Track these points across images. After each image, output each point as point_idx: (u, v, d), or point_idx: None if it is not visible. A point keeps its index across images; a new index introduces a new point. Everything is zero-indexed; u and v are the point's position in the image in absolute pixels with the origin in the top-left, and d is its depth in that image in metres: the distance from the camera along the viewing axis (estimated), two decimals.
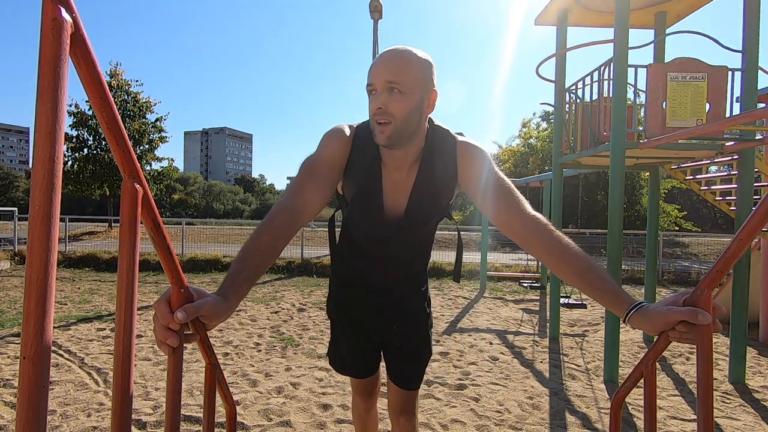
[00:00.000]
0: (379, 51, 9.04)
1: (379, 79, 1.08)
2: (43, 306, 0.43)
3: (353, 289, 1.51)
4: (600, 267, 0.97)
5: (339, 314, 1.55)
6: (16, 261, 9.89)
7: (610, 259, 3.64)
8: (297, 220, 1.03)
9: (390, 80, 1.07)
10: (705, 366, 0.79)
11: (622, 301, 0.90)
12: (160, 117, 18.88)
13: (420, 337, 1.52)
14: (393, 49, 1.11)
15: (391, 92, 1.07)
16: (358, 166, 1.21)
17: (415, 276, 1.51)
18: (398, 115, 1.08)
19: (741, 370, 3.61)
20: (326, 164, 1.16)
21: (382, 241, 1.34)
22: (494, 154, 30.20)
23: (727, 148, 3.70)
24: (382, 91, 1.08)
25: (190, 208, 60.11)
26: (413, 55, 1.10)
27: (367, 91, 1.12)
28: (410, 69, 1.08)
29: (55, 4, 0.45)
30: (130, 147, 0.60)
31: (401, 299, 1.49)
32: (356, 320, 1.52)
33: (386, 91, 1.08)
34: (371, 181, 1.22)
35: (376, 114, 1.09)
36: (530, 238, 1.06)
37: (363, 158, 1.20)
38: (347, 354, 1.56)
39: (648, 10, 4.63)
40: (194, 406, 2.87)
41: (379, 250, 1.38)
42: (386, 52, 1.11)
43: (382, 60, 1.09)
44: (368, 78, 1.11)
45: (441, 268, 9.60)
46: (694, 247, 16.07)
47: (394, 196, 1.25)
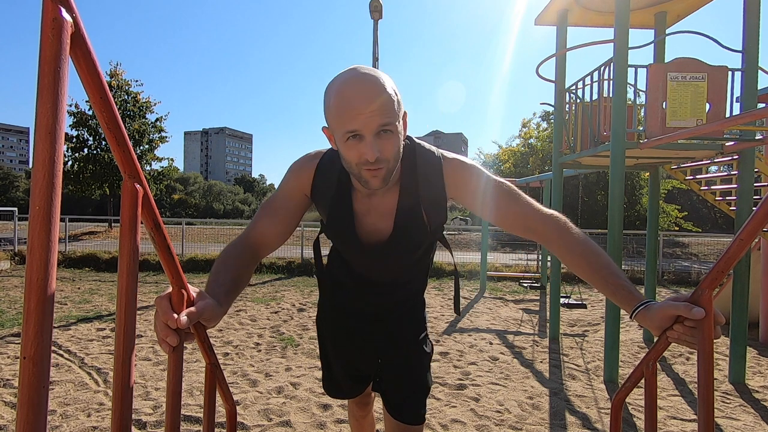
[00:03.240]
0: (379, 51, 9.03)
1: (369, 125, 0.92)
2: (43, 306, 0.43)
3: (339, 315, 1.42)
4: (614, 264, 0.97)
5: (324, 342, 1.49)
6: (16, 261, 9.89)
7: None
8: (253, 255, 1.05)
9: (383, 123, 0.93)
10: (705, 366, 0.79)
11: (634, 298, 0.90)
12: (160, 117, 18.91)
13: (410, 369, 1.37)
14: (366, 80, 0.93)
15: (381, 135, 0.95)
16: (326, 192, 1.14)
17: (408, 303, 1.40)
18: (392, 157, 0.99)
19: (741, 370, 3.61)
20: (282, 201, 1.14)
21: (367, 267, 1.27)
22: (494, 154, 30.19)
23: (727, 148, 3.70)
24: (371, 137, 0.94)
25: (190, 208, 60.12)
26: (387, 82, 0.96)
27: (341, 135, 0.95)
28: (394, 102, 0.96)
29: (55, 4, 0.45)
30: (130, 147, 0.60)
31: (391, 329, 1.38)
32: (341, 349, 1.44)
33: (376, 136, 0.94)
34: (341, 208, 1.15)
35: (371, 163, 0.96)
36: (553, 236, 1.04)
37: (330, 184, 1.13)
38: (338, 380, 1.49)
39: (648, 10, 4.63)
40: (194, 406, 2.87)
41: (366, 275, 1.30)
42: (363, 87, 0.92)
43: (366, 100, 0.91)
44: (348, 123, 0.93)
45: (441, 268, 9.60)
46: (694, 247, 16.07)
47: (372, 220, 1.15)
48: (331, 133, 1.02)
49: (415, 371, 1.37)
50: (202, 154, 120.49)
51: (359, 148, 0.95)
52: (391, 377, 1.38)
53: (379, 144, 0.95)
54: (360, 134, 0.94)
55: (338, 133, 0.97)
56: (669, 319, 0.84)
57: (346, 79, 0.95)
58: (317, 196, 1.16)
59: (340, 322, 1.43)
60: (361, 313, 1.39)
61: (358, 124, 0.92)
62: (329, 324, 1.46)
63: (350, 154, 0.97)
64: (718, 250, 14.10)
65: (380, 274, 1.29)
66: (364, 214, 1.15)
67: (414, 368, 1.37)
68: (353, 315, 1.40)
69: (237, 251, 1.02)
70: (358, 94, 0.92)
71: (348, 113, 0.92)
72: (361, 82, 0.93)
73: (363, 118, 0.92)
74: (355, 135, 0.94)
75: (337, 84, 0.95)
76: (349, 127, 0.93)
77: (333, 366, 1.47)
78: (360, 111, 0.92)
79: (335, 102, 0.95)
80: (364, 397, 1.61)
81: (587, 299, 7.24)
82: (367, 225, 1.16)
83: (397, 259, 1.23)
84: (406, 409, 1.35)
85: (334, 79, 0.98)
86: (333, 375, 1.49)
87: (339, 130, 0.96)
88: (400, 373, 1.37)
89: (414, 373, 1.37)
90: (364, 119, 0.92)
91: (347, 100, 0.93)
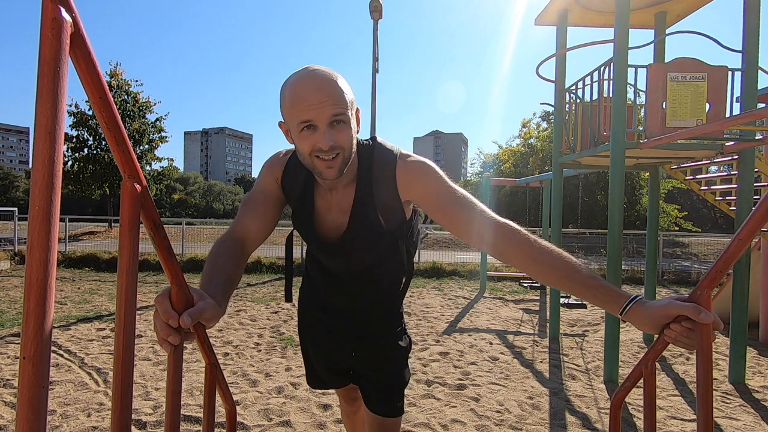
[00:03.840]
0: (379, 51, 9.03)
1: (322, 115, 0.97)
2: (43, 306, 0.43)
3: (315, 309, 1.46)
4: (586, 266, 0.92)
5: (303, 335, 1.52)
6: (16, 261, 9.89)
7: (610, 259, 3.64)
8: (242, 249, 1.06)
9: (335, 114, 0.98)
10: (705, 366, 0.79)
11: (619, 296, 0.86)
12: (160, 117, 18.88)
13: (384, 363, 1.40)
14: (318, 75, 0.98)
15: (334, 125, 0.99)
16: (294, 188, 1.19)
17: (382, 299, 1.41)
18: (346, 146, 1.02)
19: (741, 370, 3.61)
20: (261, 195, 1.17)
21: (331, 262, 1.31)
22: (494, 154, 30.19)
23: (727, 148, 3.70)
24: (325, 126, 0.98)
25: (190, 208, 60.12)
26: (340, 77, 1.01)
27: (296, 126, 1.00)
28: (345, 95, 1.01)
29: (54, 4, 0.45)
30: (130, 147, 0.60)
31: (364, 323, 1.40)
32: (318, 341, 1.47)
33: (329, 126, 0.99)
34: (305, 203, 1.19)
35: (325, 152, 1.00)
36: (506, 246, 0.98)
37: (298, 180, 1.18)
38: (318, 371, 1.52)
39: (648, 10, 4.63)
40: (194, 406, 2.87)
41: (333, 268, 1.34)
42: (316, 80, 0.98)
43: (318, 91, 0.97)
44: (302, 113, 0.97)
45: (441, 268, 9.60)
46: (694, 247, 16.07)
47: (333, 216, 1.19)
48: (287, 127, 1.05)
49: (389, 365, 1.40)
50: (202, 154, 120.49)
51: (313, 138, 0.99)
52: (365, 371, 1.42)
53: (333, 134, 0.99)
54: (313, 124, 0.99)
55: (293, 124, 1.01)
56: (670, 317, 0.82)
57: (300, 75, 1.00)
58: (286, 191, 1.20)
59: (316, 315, 1.46)
60: (335, 308, 1.42)
61: (312, 114, 0.97)
62: (307, 317, 1.50)
63: (304, 144, 1.01)
64: (718, 250, 14.10)
65: (345, 269, 1.32)
66: (325, 210, 1.20)
67: (389, 362, 1.40)
68: (327, 309, 1.43)
69: (226, 248, 1.03)
70: (311, 87, 0.97)
71: (301, 104, 0.97)
72: (314, 76, 0.99)
73: (316, 108, 0.97)
74: (309, 125, 0.99)
75: (292, 80, 1.01)
76: (303, 117, 0.98)
77: (312, 358, 1.51)
78: (313, 102, 0.96)
79: (290, 95, 0.99)
80: (350, 391, 1.62)
81: None
82: (328, 221, 1.20)
83: (357, 254, 1.25)
84: (380, 401, 1.39)
85: (289, 77, 1.03)
86: (312, 366, 1.52)
87: (294, 121, 1.00)
88: (374, 367, 1.40)
89: (389, 367, 1.40)
90: (317, 110, 0.97)
91: (301, 93, 0.97)
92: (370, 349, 1.41)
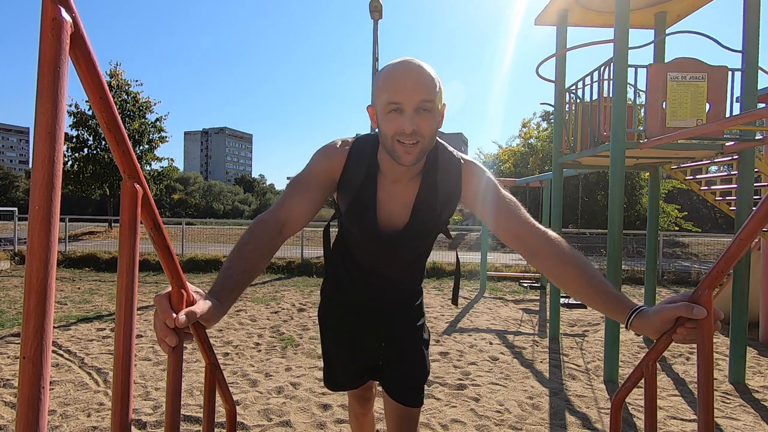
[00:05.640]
0: (379, 51, 9.03)
1: (410, 99, 1.02)
2: (43, 306, 0.43)
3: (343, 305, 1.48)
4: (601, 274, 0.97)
5: (326, 332, 1.53)
6: (16, 261, 9.89)
7: (610, 259, 3.64)
8: (279, 232, 1.05)
9: (423, 99, 1.03)
10: (705, 366, 0.79)
11: (625, 306, 0.90)
12: (160, 117, 18.88)
13: (411, 353, 1.46)
14: (413, 63, 1.05)
15: (420, 112, 1.04)
16: (355, 178, 1.20)
17: (408, 294, 1.48)
18: (427, 134, 1.06)
19: (741, 370, 3.61)
20: (312, 180, 1.16)
21: (378, 252, 1.33)
22: (494, 154, 30.19)
23: (727, 148, 3.70)
24: (411, 111, 1.04)
25: (190, 208, 60.12)
26: (432, 71, 1.07)
27: (383, 107, 1.06)
28: (436, 86, 1.06)
29: (54, 4, 0.45)
30: (130, 147, 0.60)
31: (393, 317, 1.45)
32: (345, 337, 1.48)
33: (415, 111, 1.04)
34: (367, 192, 1.21)
35: (407, 135, 1.04)
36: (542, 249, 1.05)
37: (360, 170, 1.20)
38: (338, 372, 1.53)
39: (648, 10, 4.63)
40: (194, 406, 2.87)
41: (374, 261, 1.36)
42: (410, 67, 1.04)
43: (410, 77, 1.03)
44: (391, 95, 1.03)
45: (441, 268, 9.60)
46: (694, 247, 16.06)
47: (391, 207, 1.23)
48: (375, 109, 1.12)
49: (416, 355, 1.45)
50: (202, 154, 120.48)
51: (398, 121, 1.04)
52: (394, 361, 1.45)
53: (417, 119, 1.04)
54: (401, 108, 1.04)
55: (381, 105, 1.06)
56: (669, 321, 0.84)
57: (397, 61, 1.08)
58: (345, 181, 1.21)
59: (344, 311, 1.47)
60: (363, 303, 1.45)
61: (401, 97, 1.02)
62: (333, 314, 1.50)
63: (389, 126, 1.06)
64: (718, 250, 14.09)
65: (389, 262, 1.35)
66: (386, 201, 1.23)
67: (415, 352, 1.45)
68: (358, 304, 1.45)
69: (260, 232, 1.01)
70: (404, 73, 1.04)
71: (393, 87, 1.03)
72: (409, 64, 1.06)
73: (406, 92, 1.02)
74: (397, 108, 1.04)
75: (389, 66, 1.09)
76: (392, 98, 1.03)
77: (333, 358, 1.52)
78: (404, 86, 1.02)
79: (384, 78, 1.06)
80: (365, 391, 1.64)
81: None
82: (388, 212, 1.24)
83: (411, 243, 1.30)
84: (408, 391, 1.43)
85: (386, 64, 1.11)
86: (333, 368, 1.54)
87: (382, 102, 1.06)
88: (403, 357, 1.45)
89: (415, 357, 1.45)
90: (406, 94, 1.02)
91: (394, 77, 1.04)
92: (399, 340, 1.45)
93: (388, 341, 1.45)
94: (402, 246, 1.29)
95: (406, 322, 1.46)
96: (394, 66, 1.06)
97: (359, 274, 1.40)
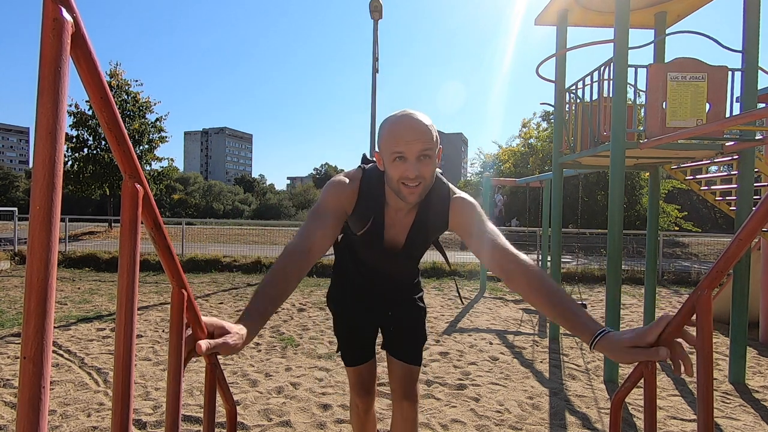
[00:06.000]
0: (379, 51, 9.03)
1: (412, 149, 1.21)
2: (43, 306, 0.43)
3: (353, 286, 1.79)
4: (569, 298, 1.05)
5: (338, 304, 1.83)
6: (16, 261, 9.89)
7: (610, 259, 3.64)
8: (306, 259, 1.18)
9: (424, 149, 1.21)
10: (705, 366, 0.79)
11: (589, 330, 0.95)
12: (160, 117, 18.85)
13: (414, 318, 1.78)
14: (413, 118, 1.24)
15: (421, 159, 1.22)
16: (367, 209, 1.42)
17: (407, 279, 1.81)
18: (428, 177, 1.25)
19: (741, 370, 3.61)
20: (329, 212, 1.32)
21: (382, 264, 1.64)
22: (494, 154, 30.19)
23: (727, 148, 3.70)
24: (414, 159, 1.22)
25: (190, 208, 60.12)
26: (429, 120, 1.26)
27: (389, 156, 1.24)
28: (433, 136, 1.25)
29: (55, 4, 0.45)
30: (131, 147, 0.60)
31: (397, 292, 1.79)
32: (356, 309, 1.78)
33: (417, 159, 1.22)
34: (377, 220, 1.44)
35: (411, 179, 1.23)
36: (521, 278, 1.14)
37: (371, 202, 1.41)
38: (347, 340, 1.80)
39: (648, 10, 4.63)
40: (194, 406, 2.87)
41: (376, 263, 1.65)
42: (411, 122, 1.23)
43: (412, 131, 1.21)
44: (396, 144, 1.21)
45: (441, 268, 9.60)
46: (694, 247, 16.06)
47: (394, 231, 1.49)
48: (381, 156, 1.30)
49: (416, 320, 1.78)
50: (202, 154, 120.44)
51: (403, 167, 1.23)
52: (398, 324, 1.77)
53: (419, 166, 1.22)
54: (404, 156, 1.22)
55: (387, 154, 1.25)
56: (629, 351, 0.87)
57: (399, 115, 1.26)
58: (357, 213, 1.43)
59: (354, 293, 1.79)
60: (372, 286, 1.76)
61: (404, 148, 1.21)
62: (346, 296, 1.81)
63: (395, 171, 1.25)
64: (718, 250, 14.09)
65: (389, 265, 1.65)
66: (390, 226, 1.48)
67: (416, 318, 1.78)
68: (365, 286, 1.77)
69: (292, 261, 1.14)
70: (406, 126, 1.22)
71: (397, 139, 1.22)
72: (410, 118, 1.24)
73: (408, 144, 1.21)
74: (401, 157, 1.22)
75: (392, 118, 1.27)
76: (396, 149, 1.22)
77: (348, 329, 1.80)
78: (407, 139, 1.21)
79: (388, 130, 1.25)
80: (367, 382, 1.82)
81: (587, 299, 7.25)
82: (391, 235, 1.50)
83: (407, 256, 1.59)
84: (409, 350, 1.73)
85: (388, 117, 1.29)
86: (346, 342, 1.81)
87: (388, 151, 1.24)
88: (405, 320, 1.77)
89: (416, 321, 1.78)
90: (409, 146, 1.21)
91: (397, 130, 1.23)
92: (402, 307, 1.78)
93: (393, 309, 1.76)
94: (401, 256, 1.57)
95: (407, 295, 1.80)
96: (397, 119, 1.25)
97: (365, 269, 1.70)
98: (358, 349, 1.81)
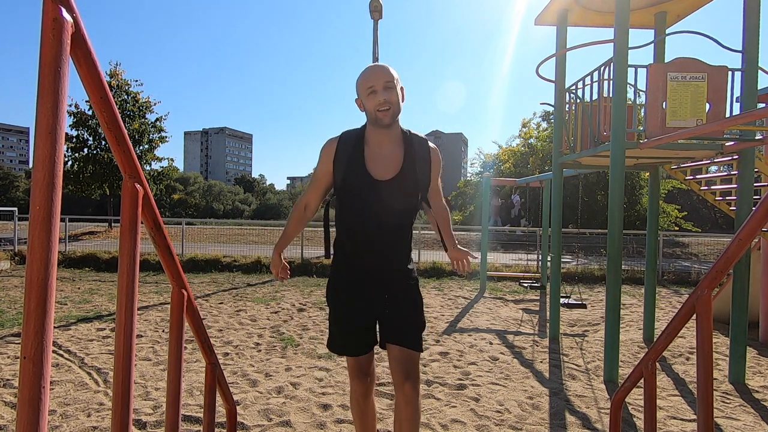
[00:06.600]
0: (379, 51, 9.05)
1: (379, 82, 1.66)
2: (43, 306, 0.43)
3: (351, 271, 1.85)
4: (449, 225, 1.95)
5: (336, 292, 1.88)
6: (16, 261, 9.88)
7: (610, 258, 3.64)
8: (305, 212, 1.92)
9: (387, 80, 1.66)
10: (705, 366, 0.79)
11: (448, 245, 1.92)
12: (160, 117, 18.83)
13: (411, 299, 1.85)
14: (376, 64, 1.71)
15: (386, 89, 1.65)
16: (345, 152, 1.75)
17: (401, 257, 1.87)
18: (395, 102, 1.67)
19: (741, 370, 3.61)
20: (320, 170, 1.82)
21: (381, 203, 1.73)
22: (494, 154, 30.17)
23: (727, 148, 3.70)
24: (381, 90, 1.65)
25: (190, 208, 60.11)
26: (390, 67, 1.71)
27: (364, 93, 1.68)
28: (393, 73, 1.69)
29: (55, 4, 0.45)
30: (131, 147, 0.60)
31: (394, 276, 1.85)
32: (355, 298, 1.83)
33: (384, 90, 1.65)
34: (356, 158, 1.73)
35: (382, 105, 1.64)
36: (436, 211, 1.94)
37: (348, 147, 1.75)
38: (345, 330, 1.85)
39: (648, 10, 4.63)
40: (194, 406, 2.87)
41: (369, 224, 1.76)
42: (374, 66, 1.70)
43: (375, 70, 1.68)
44: (367, 83, 1.67)
45: (441, 268, 9.60)
46: (694, 247, 16.06)
47: (382, 165, 1.74)
48: (360, 99, 1.72)
49: (414, 305, 1.85)
50: (202, 154, 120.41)
51: (375, 98, 1.65)
52: (396, 307, 1.81)
53: (386, 94, 1.65)
54: (375, 89, 1.65)
55: (363, 92, 1.68)
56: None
57: (367, 66, 1.73)
58: (338, 159, 1.75)
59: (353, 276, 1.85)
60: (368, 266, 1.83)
61: (374, 82, 1.66)
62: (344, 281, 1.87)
63: (371, 103, 1.67)
64: (718, 250, 14.08)
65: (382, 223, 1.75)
66: (374, 160, 1.74)
67: (413, 300, 1.86)
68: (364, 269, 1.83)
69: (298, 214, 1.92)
70: (373, 68, 1.69)
71: (367, 79, 1.68)
72: (374, 65, 1.72)
73: (376, 79, 1.66)
74: (372, 90, 1.66)
75: (363, 71, 1.72)
76: (368, 84, 1.66)
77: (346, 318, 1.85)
78: (374, 76, 1.67)
79: (362, 76, 1.70)
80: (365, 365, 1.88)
81: (587, 299, 7.24)
82: (378, 169, 1.73)
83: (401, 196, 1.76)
84: (408, 336, 1.78)
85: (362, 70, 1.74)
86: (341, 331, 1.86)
87: (364, 90, 1.68)
88: (404, 303, 1.83)
89: (413, 304, 1.85)
90: (376, 79, 1.66)
91: (368, 73, 1.69)
92: (399, 291, 1.84)
93: (390, 294, 1.82)
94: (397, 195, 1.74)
95: (403, 280, 1.87)
96: (366, 69, 1.71)
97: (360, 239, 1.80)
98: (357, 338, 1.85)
